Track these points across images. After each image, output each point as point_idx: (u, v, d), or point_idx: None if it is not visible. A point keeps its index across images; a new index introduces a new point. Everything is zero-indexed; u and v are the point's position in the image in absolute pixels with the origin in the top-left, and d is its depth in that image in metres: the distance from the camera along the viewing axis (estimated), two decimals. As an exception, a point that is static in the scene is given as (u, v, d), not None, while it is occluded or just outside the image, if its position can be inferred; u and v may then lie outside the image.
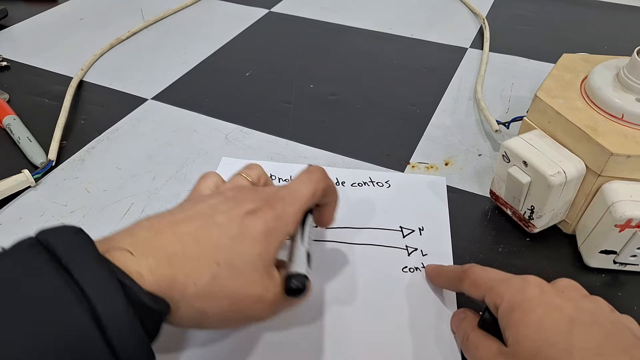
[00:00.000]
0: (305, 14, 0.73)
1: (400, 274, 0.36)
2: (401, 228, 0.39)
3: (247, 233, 0.26)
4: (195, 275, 0.24)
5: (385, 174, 0.45)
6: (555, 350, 0.24)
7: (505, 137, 0.45)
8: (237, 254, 0.25)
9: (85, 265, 0.21)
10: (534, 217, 0.36)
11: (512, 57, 0.62)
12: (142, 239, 0.24)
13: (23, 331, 0.19)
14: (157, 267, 0.23)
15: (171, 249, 0.24)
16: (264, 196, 0.28)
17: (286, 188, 0.29)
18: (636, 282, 0.36)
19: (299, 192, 0.29)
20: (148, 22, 0.70)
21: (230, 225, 0.26)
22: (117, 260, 0.23)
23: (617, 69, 0.36)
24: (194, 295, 0.24)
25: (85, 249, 0.22)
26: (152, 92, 0.56)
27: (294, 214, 0.28)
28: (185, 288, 0.24)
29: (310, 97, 0.55)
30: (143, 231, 0.25)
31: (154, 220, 0.26)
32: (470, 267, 0.31)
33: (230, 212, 0.27)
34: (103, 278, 0.21)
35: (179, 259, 0.24)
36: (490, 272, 0.30)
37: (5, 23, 0.70)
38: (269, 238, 0.26)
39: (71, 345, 0.20)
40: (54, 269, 0.21)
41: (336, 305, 0.34)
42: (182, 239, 0.25)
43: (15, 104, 0.54)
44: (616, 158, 0.32)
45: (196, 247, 0.25)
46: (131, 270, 0.22)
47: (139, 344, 0.22)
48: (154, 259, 0.23)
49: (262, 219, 0.27)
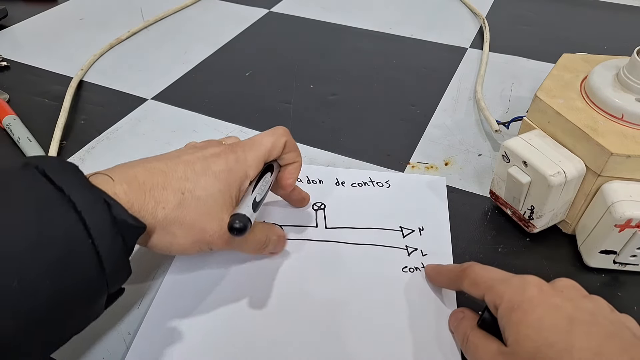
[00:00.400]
0: (305, 14, 0.73)
1: (400, 274, 0.36)
2: (401, 228, 0.39)
3: (210, 170, 0.30)
4: (164, 201, 0.28)
5: (385, 174, 0.45)
6: (555, 350, 0.24)
7: (505, 137, 0.45)
8: (199, 186, 0.29)
9: (75, 185, 0.24)
10: (534, 217, 0.36)
11: (512, 57, 0.62)
12: (118, 170, 0.28)
13: (26, 221, 0.23)
14: (130, 191, 0.27)
15: (142, 178, 0.28)
16: (227, 145, 0.33)
17: (249, 139, 0.34)
18: (636, 282, 0.36)
19: (259, 141, 0.33)
20: (148, 22, 0.70)
21: (195, 162, 0.30)
22: (98, 183, 0.26)
23: (617, 69, 0.36)
24: (163, 219, 0.28)
25: (75, 172, 0.25)
26: (152, 92, 0.56)
27: (253, 159, 0.32)
28: (155, 212, 0.28)
29: (310, 97, 0.55)
30: (119, 166, 0.29)
31: (129, 162, 0.30)
32: (470, 266, 0.31)
33: (196, 153, 0.31)
34: (91, 197, 0.25)
35: (148, 186, 0.28)
36: (490, 271, 0.30)
37: (5, 23, 0.70)
38: (229, 177, 0.31)
39: (63, 242, 0.23)
40: (49, 183, 0.24)
41: (336, 305, 0.34)
42: (151, 171, 0.29)
43: (15, 104, 0.54)
44: (616, 158, 0.32)
45: (164, 178, 0.29)
46: (109, 193, 0.26)
47: (120, 255, 0.25)
48: (128, 185, 0.27)
49: (224, 159, 0.31)
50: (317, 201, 0.42)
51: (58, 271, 0.23)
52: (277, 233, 0.36)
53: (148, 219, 0.28)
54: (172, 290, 0.35)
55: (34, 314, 0.22)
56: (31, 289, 0.22)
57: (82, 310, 0.25)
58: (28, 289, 0.22)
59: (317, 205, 0.41)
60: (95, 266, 0.24)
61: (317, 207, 0.41)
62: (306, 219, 0.40)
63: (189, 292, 0.35)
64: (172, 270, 0.36)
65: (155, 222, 0.28)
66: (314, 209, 0.41)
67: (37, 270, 0.22)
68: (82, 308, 0.25)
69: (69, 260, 0.23)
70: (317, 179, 0.44)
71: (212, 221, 0.29)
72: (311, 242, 0.38)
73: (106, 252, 0.24)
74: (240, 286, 0.35)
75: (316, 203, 0.41)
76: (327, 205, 0.41)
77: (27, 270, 0.22)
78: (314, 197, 0.42)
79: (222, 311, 0.33)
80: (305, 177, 0.44)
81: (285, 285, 0.35)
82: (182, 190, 0.29)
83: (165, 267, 0.36)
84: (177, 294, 0.35)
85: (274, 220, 0.40)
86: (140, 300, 0.35)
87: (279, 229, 0.37)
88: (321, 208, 0.41)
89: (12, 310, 0.22)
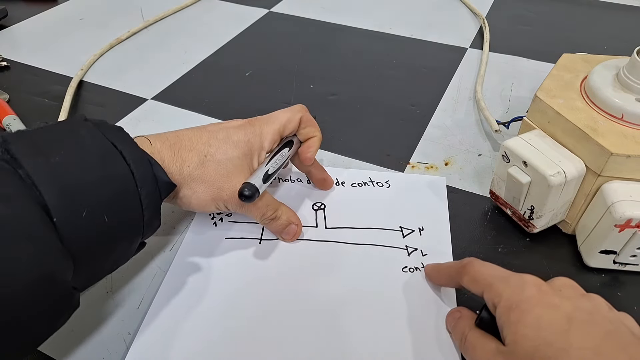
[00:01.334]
0: (305, 14, 0.73)
1: (400, 274, 0.36)
2: (401, 228, 0.39)
3: (230, 139, 0.35)
4: (189, 160, 0.33)
5: (385, 174, 0.45)
6: (554, 349, 0.24)
7: (505, 137, 0.45)
8: (220, 151, 0.34)
9: (124, 142, 0.30)
10: (533, 217, 0.36)
11: (512, 57, 0.62)
12: (155, 135, 0.34)
13: (95, 161, 0.28)
14: (163, 149, 0.33)
15: (172, 140, 0.34)
16: (247, 120, 0.37)
17: (267, 115, 0.38)
18: (636, 282, 0.36)
19: (276, 116, 0.38)
20: (148, 22, 0.70)
21: (218, 132, 0.35)
22: (143, 144, 0.32)
23: (617, 69, 0.36)
24: (188, 175, 0.33)
25: (122, 131, 0.31)
26: (152, 92, 0.56)
27: (268, 132, 0.36)
28: (182, 168, 0.33)
29: (310, 97, 0.55)
30: (156, 134, 0.34)
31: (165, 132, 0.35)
32: (470, 262, 0.31)
33: (220, 125, 0.36)
34: (138, 154, 0.30)
35: (177, 147, 0.33)
36: (490, 268, 0.30)
37: (5, 23, 0.70)
38: (247, 146, 0.35)
39: (121, 182, 0.28)
40: (106, 140, 0.29)
41: (336, 305, 0.34)
42: (180, 136, 0.34)
43: (15, 104, 0.54)
44: (616, 158, 0.32)
45: (190, 142, 0.34)
46: (148, 151, 0.31)
47: (156, 206, 0.31)
48: (161, 144, 0.33)
49: (243, 131, 0.36)
50: (317, 201, 0.42)
51: (115, 205, 0.28)
52: (291, 216, 0.38)
53: (175, 175, 0.32)
54: (172, 290, 0.35)
55: (92, 240, 0.27)
56: (93, 218, 0.27)
57: (122, 248, 0.30)
58: (91, 219, 0.27)
59: (317, 205, 0.41)
60: (139, 211, 0.29)
61: (317, 207, 0.41)
62: (306, 219, 0.40)
63: (189, 292, 0.35)
64: (172, 271, 0.36)
65: (181, 178, 0.33)
66: (314, 209, 0.41)
67: (101, 200, 0.27)
68: (122, 245, 0.30)
69: (122, 199, 0.28)
70: None
71: (229, 182, 0.33)
72: (311, 242, 0.38)
73: (147, 201, 0.29)
74: (240, 286, 0.35)
75: (316, 203, 0.42)
76: (327, 205, 0.41)
77: (95, 200, 0.27)
78: (313, 197, 0.42)
79: (222, 311, 0.34)
80: (305, 177, 0.44)
81: (285, 285, 0.35)
82: (205, 153, 0.34)
83: (165, 267, 0.37)
84: (177, 294, 0.35)
85: None
86: (140, 300, 0.35)
87: (294, 215, 0.38)
88: (321, 208, 0.41)
89: (81, 234, 0.26)
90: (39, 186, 0.25)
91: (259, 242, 0.38)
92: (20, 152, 0.26)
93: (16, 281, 0.23)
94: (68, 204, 0.26)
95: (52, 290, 0.25)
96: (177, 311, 0.33)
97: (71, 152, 0.27)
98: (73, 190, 0.26)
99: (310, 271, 0.36)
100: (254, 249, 0.38)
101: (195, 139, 0.34)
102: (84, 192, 0.27)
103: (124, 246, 0.30)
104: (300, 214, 0.40)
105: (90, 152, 0.28)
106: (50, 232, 0.25)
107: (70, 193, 0.26)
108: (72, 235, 0.26)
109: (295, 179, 0.44)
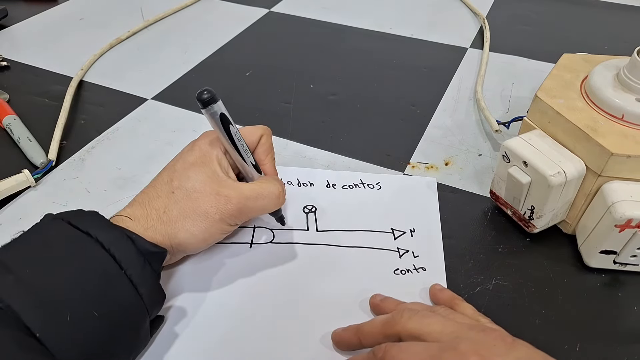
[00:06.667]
0: (305, 14, 0.73)
1: (392, 276, 0.36)
2: (392, 230, 0.39)
3: (187, 162, 0.34)
4: (162, 206, 0.32)
5: (375, 175, 0.44)
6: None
7: (505, 137, 0.45)
8: (184, 178, 0.33)
9: (98, 227, 0.28)
10: (534, 217, 0.36)
11: (512, 57, 0.62)
12: (130, 204, 0.33)
13: (66, 262, 0.26)
14: (133, 212, 0.31)
15: (139, 199, 0.33)
16: (197, 138, 0.36)
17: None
18: (636, 282, 0.36)
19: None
20: (148, 22, 0.70)
21: (174, 163, 0.34)
22: (116, 222, 0.30)
23: (617, 69, 0.36)
24: (169, 221, 0.31)
25: (96, 217, 0.29)
26: (152, 92, 0.56)
27: (207, 134, 0.35)
28: (160, 218, 0.31)
29: (310, 97, 0.55)
30: (130, 203, 0.33)
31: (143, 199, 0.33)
32: (387, 352, 0.26)
33: (174, 158, 0.35)
34: (115, 234, 0.28)
35: (145, 201, 0.32)
36: (411, 356, 0.25)
37: (5, 23, 0.70)
38: (205, 157, 0.34)
39: (101, 274, 0.27)
40: (76, 229, 0.28)
41: (328, 308, 0.34)
42: (144, 191, 0.34)
43: (15, 104, 0.54)
44: (616, 158, 0.32)
45: (154, 189, 0.33)
46: (122, 225, 0.30)
47: (151, 279, 0.29)
48: (131, 208, 0.32)
49: (194, 149, 0.34)
50: (307, 204, 0.41)
51: (101, 299, 0.26)
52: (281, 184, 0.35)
53: (159, 228, 0.31)
54: (171, 291, 0.35)
55: (88, 341, 0.25)
56: (80, 318, 0.25)
57: (129, 337, 0.28)
58: (78, 320, 0.25)
59: (308, 208, 0.41)
60: (132, 293, 0.27)
61: (308, 210, 0.41)
62: (297, 222, 0.40)
63: (187, 294, 0.35)
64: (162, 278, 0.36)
65: (167, 228, 0.31)
66: (305, 212, 0.41)
67: (85, 296, 0.26)
68: (128, 335, 0.28)
69: (108, 289, 0.26)
70: (308, 181, 0.43)
71: (210, 200, 0.32)
72: (302, 246, 0.38)
73: (138, 279, 0.28)
74: (231, 291, 0.35)
75: (307, 206, 0.41)
76: (317, 208, 0.41)
77: (76, 298, 0.25)
78: (304, 199, 0.42)
79: (213, 316, 0.33)
80: (295, 180, 0.43)
81: (276, 288, 0.35)
82: (172, 189, 0.32)
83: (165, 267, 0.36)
84: (176, 295, 0.34)
85: (264, 223, 0.40)
86: (140, 300, 0.35)
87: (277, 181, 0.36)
88: (312, 211, 0.41)
89: (71, 340, 0.25)
90: (12, 305, 0.24)
91: (250, 246, 0.38)
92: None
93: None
94: (47, 314, 0.24)
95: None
96: (176, 312, 0.33)
97: (40, 259, 0.26)
98: (49, 297, 0.25)
99: (302, 274, 0.36)
100: (245, 253, 0.37)
101: (158, 184, 0.33)
102: (61, 295, 0.25)
103: (132, 335, 0.28)
104: (290, 217, 0.40)
105: (59, 249, 0.27)
106: (34, 353, 0.23)
107: (46, 301, 0.24)
108: (60, 346, 0.24)
109: (286, 181, 0.44)
